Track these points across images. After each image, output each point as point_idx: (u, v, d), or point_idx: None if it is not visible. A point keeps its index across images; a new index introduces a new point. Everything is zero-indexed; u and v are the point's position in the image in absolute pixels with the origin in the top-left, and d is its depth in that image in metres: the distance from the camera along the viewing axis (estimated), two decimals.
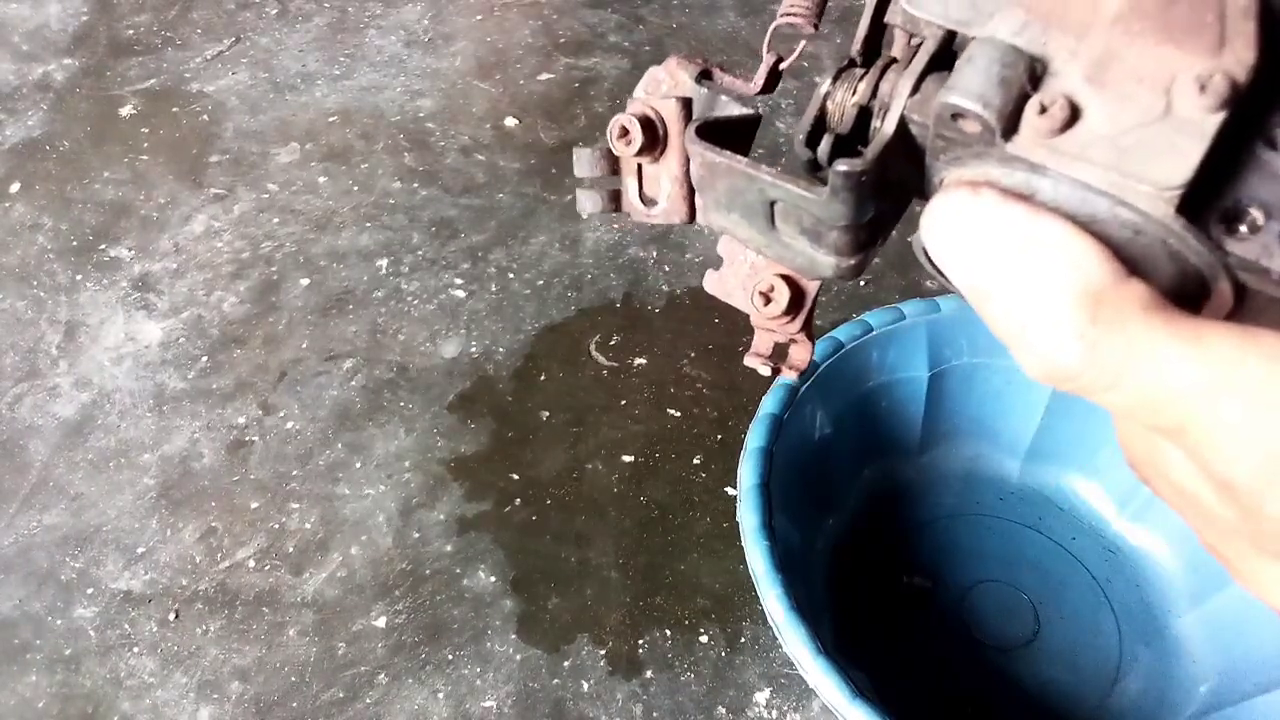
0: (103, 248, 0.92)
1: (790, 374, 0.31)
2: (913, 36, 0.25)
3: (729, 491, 0.74)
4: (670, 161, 0.28)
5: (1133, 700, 0.63)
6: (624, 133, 0.27)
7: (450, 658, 0.66)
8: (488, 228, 0.94)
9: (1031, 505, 0.72)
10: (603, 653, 0.67)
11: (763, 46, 0.28)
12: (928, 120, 0.23)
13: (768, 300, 0.29)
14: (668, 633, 0.68)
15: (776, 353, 0.32)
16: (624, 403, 0.80)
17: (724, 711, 0.64)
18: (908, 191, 0.25)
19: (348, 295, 0.88)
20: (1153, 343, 0.20)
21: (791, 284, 0.29)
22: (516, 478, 0.76)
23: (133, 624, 0.68)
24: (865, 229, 0.25)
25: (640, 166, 0.28)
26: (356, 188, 0.98)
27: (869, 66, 0.25)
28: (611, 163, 0.29)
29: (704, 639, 0.67)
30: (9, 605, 0.69)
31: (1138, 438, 0.23)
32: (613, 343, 0.85)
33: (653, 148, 0.28)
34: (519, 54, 1.14)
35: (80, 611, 0.69)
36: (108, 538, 0.72)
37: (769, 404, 0.63)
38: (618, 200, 0.29)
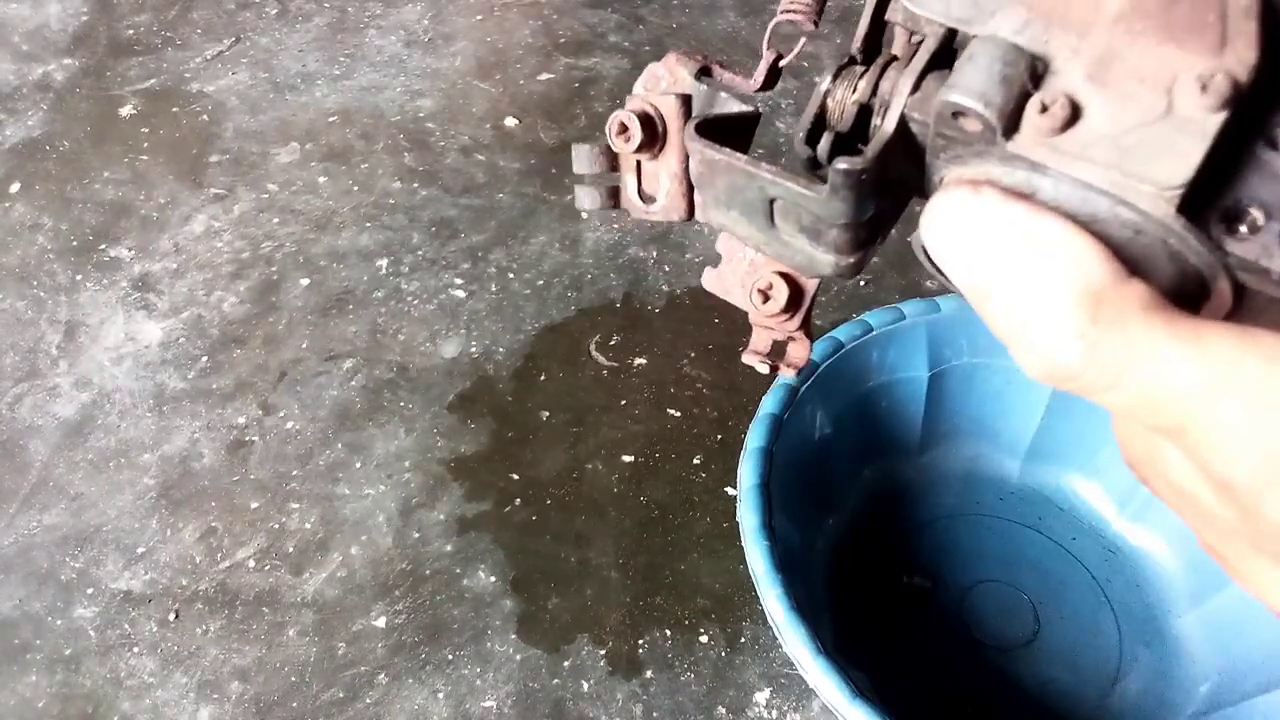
0: (103, 248, 0.92)
1: (789, 372, 0.31)
2: (913, 34, 0.25)
3: (729, 491, 0.74)
4: (669, 158, 0.28)
5: (1133, 700, 0.63)
6: (623, 129, 0.27)
7: (450, 658, 0.66)
8: (488, 228, 0.94)
9: (1031, 505, 0.72)
10: (603, 653, 0.67)
11: (763, 44, 0.28)
12: (928, 118, 0.23)
13: (766, 298, 0.29)
14: (668, 633, 0.68)
15: (775, 351, 0.31)
16: (624, 403, 0.80)
17: (724, 711, 0.64)
18: (907, 190, 0.25)
19: (348, 295, 0.88)
20: (1153, 343, 0.20)
21: (790, 282, 0.29)
22: (516, 478, 0.76)
23: (133, 624, 0.68)
24: (864, 227, 0.25)
25: (639, 163, 0.28)
26: (356, 188, 0.98)
27: (869, 64, 0.25)
28: (610, 159, 0.29)
29: (704, 639, 0.67)
30: (9, 605, 0.69)
31: (1137, 437, 0.23)
32: (613, 343, 0.85)
33: (652, 144, 0.28)
34: (519, 54, 1.14)
35: (80, 611, 0.69)
36: (108, 538, 0.72)
37: (769, 404, 0.63)
38: (616, 197, 0.29)
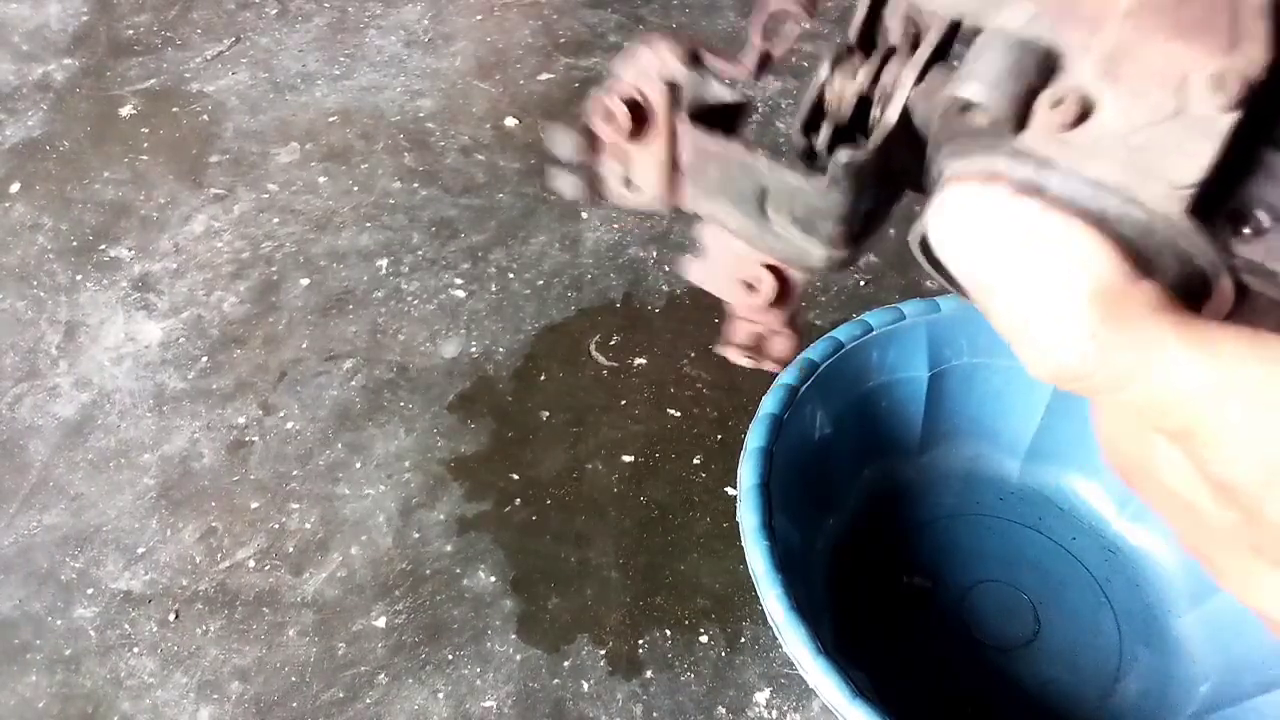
0: (103, 248, 0.92)
1: (773, 367, 0.30)
2: (910, 25, 0.25)
3: (729, 491, 0.74)
4: (655, 146, 0.27)
5: (1133, 700, 0.63)
6: (608, 115, 0.26)
7: (450, 658, 0.66)
8: (488, 228, 0.94)
9: (1031, 505, 0.72)
10: (603, 653, 0.67)
11: (753, 32, 0.27)
12: (932, 111, 0.22)
13: (752, 290, 0.28)
14: (668, 633, 0.68)
15: (756, 344, 0.31)
16: (624, 403, 0.80)
17: (724, 711, 0.64)
18: (903, 185, 0.25)
19: (348, 295, 0.88)
20: (1164, 345, 0.19)
21: (778, 275, 0.28)
22: (516, 478, 0.76)
23: (133, 624, 0.68)
24: (859, 220, 0.24)
25: (621, 149, 0.27)
26: (356, 188, 0.98)
27: (866, 54, 0.25)
28: (591, 143, 0.28)
29: (704, 639, 0.67)
30: (9, 605, 0.69)
31: (1128, 440, 0.23)
32: (613, 343, 0.85)
33: (638, 131, 0.27)
34: (519, 54, 1.14)
35: (80, 611, 0.69)
36: (108, 538, 0.72)
37: (769, 404, 0.62)
38: (597, 184, 0.28)
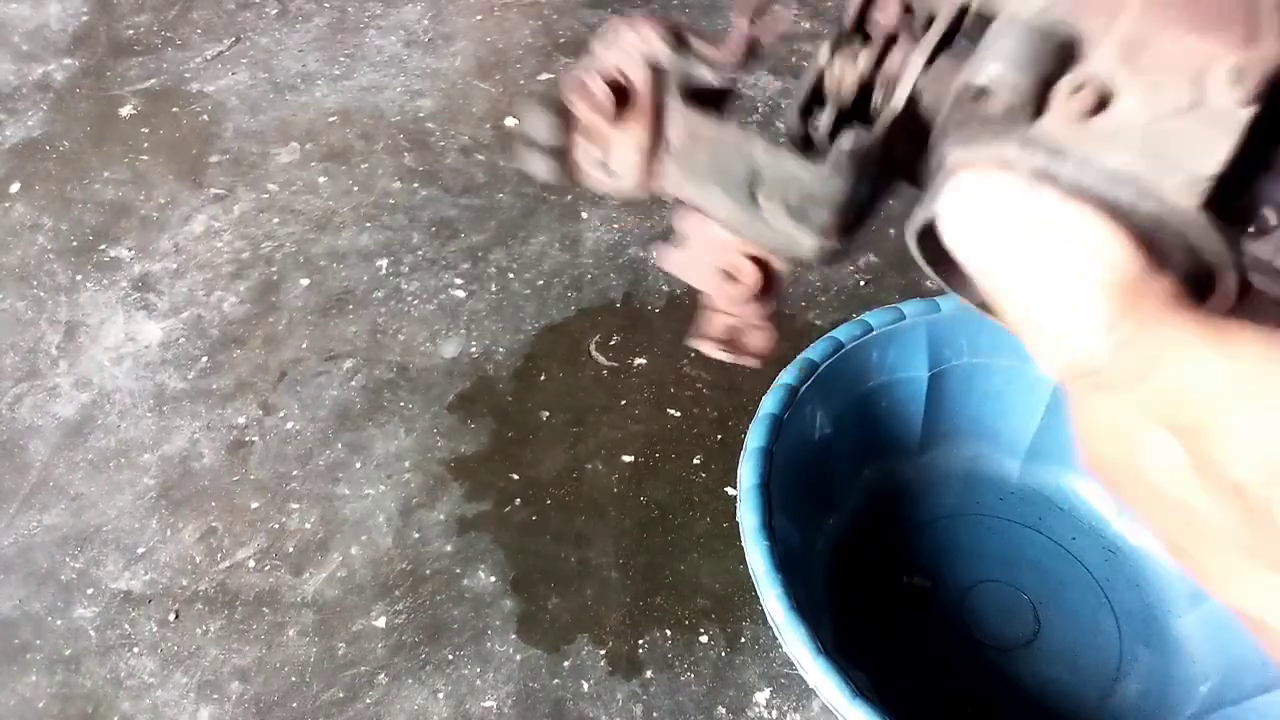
0: (103, 248, 0.92)
1: (750, 361, 0.29)
2: (908, 10, 0.24)
3: (729, 491, 0.74)
4: (636, 129, 0.26)
5: (1133, 700, 0.63)
6: (588, 95, 0.25)
7: (450, 658, 0.66)
8: (488, 228, 0.94)
9: (1031, 505, 0.72)
10: (603, 653, 0.67)
11: (736, 11, 0.27)
12: (941, 97, 0.22)
13: (733, 281, 0.27)
14: (668, 633, 0.68)
15: (732, 338, 0.30)
16: (624, 403, 0.80)
17: (724, 711, 0.64)
18: (897, 176, 0.25)
19: (348, 295, 0.88)
20: (1182, 340, 0.19)
21: (761, 266, 0.27)
22: (516, 478, 0.76)
23: (133, 624, 0.68)
24: (854, 210, 0.24)
25: (599, 131, 0.26)
26: (356, 188, 0.98)
27: (865, 40, 0.24)
28: (567, 123, 0.26)
29: (704, 639, 0.67)
30: (9, 605, 0.69)
31: (1112, 440, 0.22)
32: (613, 343, 0.85)
33: (618, 113, 0.26)
34: (519, 54, 1.14)
35: (80, 611, 0.68)
36: (108, 538, 0.72)
37: (769, 404, 0.62)
38: (571, 166, 0.27)
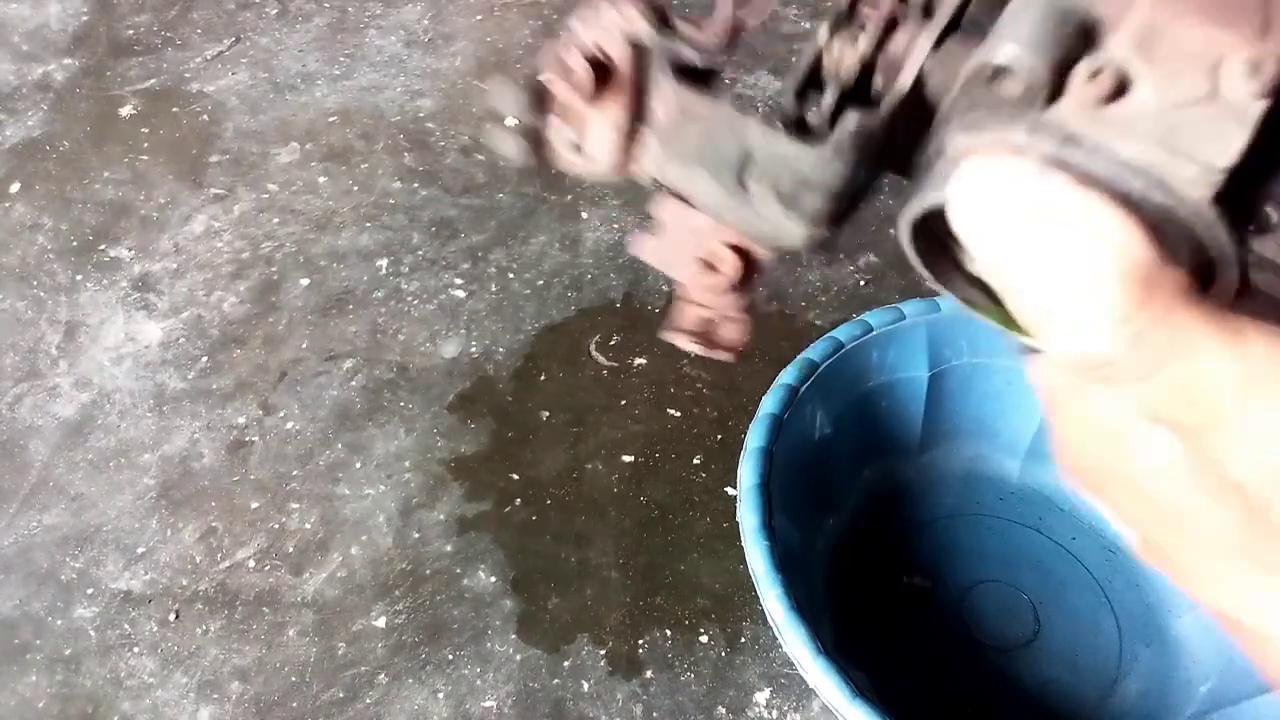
0: (103, 248, 0.92)
1: (723, 355, 0.28)
2: None
3: (729, 491, 0.74)
4: (614, 109, 0.25)
5: (1133, 700, 0.63)
6: (567, 72, 0.24)
7: (450, 658, 0.66)
8: (488, 228, 0.94)
9: (1031, 505, 0.72)
10: (603, 653, 0.67)
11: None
12: (950, 80, 0.22)
13: (711, 270, 0.26)
14: (668, 633, 0.68)
15: (705, 330, 0.29)
16: (624, 403, 0.80)
17: (724, 711, 0.64)
18: (889, 165, 0.24)
19: (348, 295, 0.88)
20: (1194, 335, 0.19)
21: (742, 255, 0.26)
22: (516, 478, 0.76)
23: (133, 624, 0.68)
24: (847, 198, 0.23)
25: (574, 111, 0.25)
26: (356, 188, 0.98)
27: (860, 20, 0.24)
28: (541, 101, 0.25)
29: (704, 639, 0.67)
30: (9, 605, 0.69)
31: (1103, 438, 0.22)
32: (613, 343, 0.85)
33: (597, 92, 0.25)
34: (519, 54, 1.14)
35: (80, 611, 0.68)
36: (108, 538, 0.72)
37: (769, 404, 0.62)
38: (543, 146, 0.26)
